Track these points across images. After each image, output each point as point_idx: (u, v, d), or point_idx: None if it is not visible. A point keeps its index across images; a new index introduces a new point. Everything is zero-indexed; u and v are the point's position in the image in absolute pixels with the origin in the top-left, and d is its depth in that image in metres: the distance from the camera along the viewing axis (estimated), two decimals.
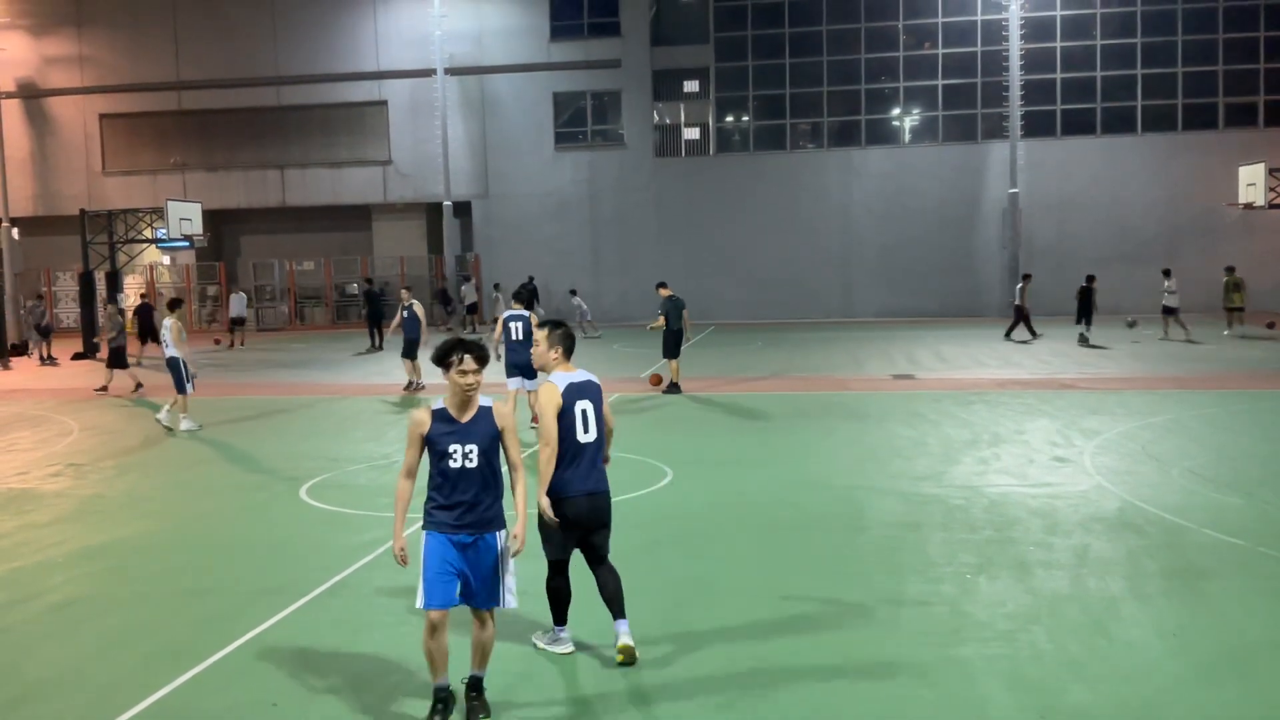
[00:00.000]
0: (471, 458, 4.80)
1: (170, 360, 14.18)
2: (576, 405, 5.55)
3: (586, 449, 5.56)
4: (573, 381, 5.59)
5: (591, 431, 5.58)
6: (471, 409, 4.86)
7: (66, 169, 37.63)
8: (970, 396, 15.31)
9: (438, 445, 4.81)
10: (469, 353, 4.75)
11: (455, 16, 35.06)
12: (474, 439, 4.81)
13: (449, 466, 4.80)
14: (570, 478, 5.52)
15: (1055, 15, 33.18)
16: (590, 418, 5.58)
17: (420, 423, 4.83)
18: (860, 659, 5.62)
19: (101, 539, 8.48)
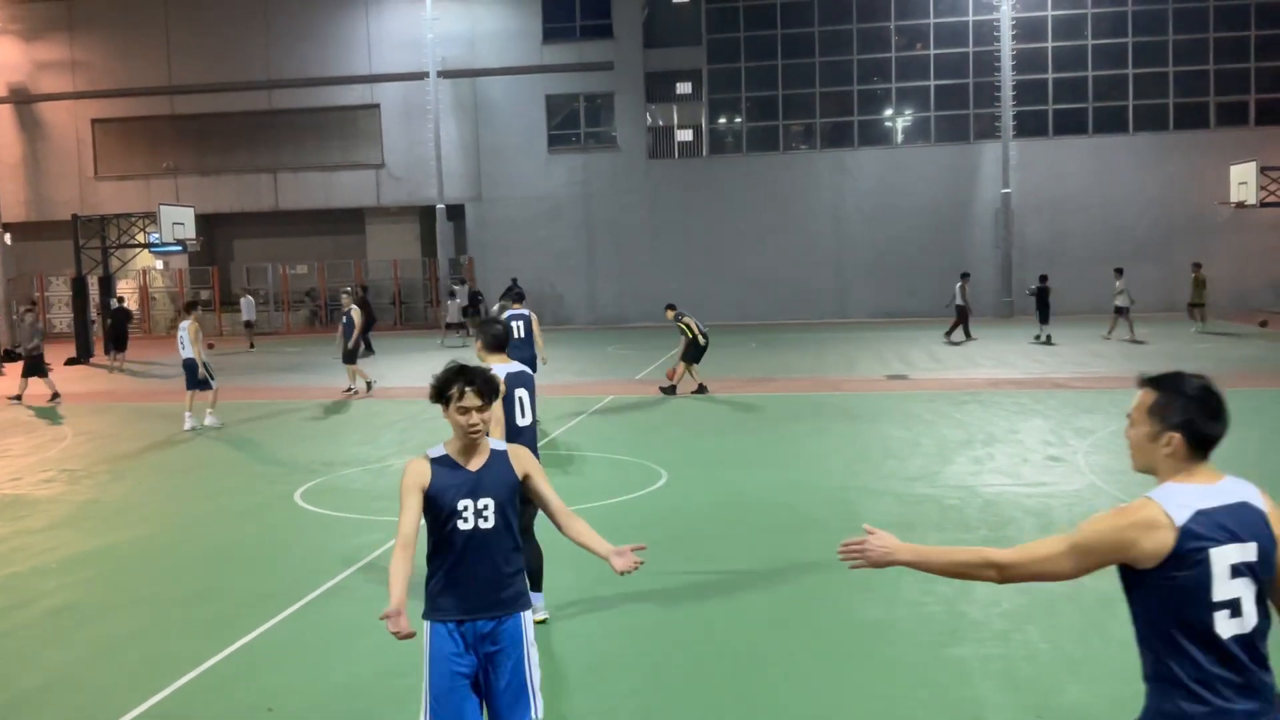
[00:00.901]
0: (487, 516, 3.73)
1: (187, 361, 14.51)
2: (515, 392, 6.18)
3: (524, 431, 6.13)
4: (510, 371, 6.17)
5: (528, 416, 6.22)
6: (481, 454, 3.78)
7: (59, 174, 37.54)
8: (964, 396, 15.34)
9: (443, 503, 3.70)
10: (470, 384, 3.70)
11: (447, 19, 35.05)
12: (489, 491, 3.74)
13: (458, 530, 3.71)
14: None
15: (1046, 15, 33.28)
16: (527, 404, 6.22)
17: (419, 473, 3.73)
18: (856, 659, 5.63)
19: (96, 544, 8.46)
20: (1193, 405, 2.71)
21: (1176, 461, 2.71)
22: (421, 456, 3.81)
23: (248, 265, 37.87)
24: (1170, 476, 2.71)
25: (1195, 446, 2.70)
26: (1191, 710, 2.60)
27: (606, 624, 6.26)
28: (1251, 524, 2.64)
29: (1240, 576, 2.60)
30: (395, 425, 14.31)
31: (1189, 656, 2.61)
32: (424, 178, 35.75)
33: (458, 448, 3.77)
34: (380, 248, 37.63)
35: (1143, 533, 2.61)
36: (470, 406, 3.70)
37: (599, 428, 13.58)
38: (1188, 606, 2.61)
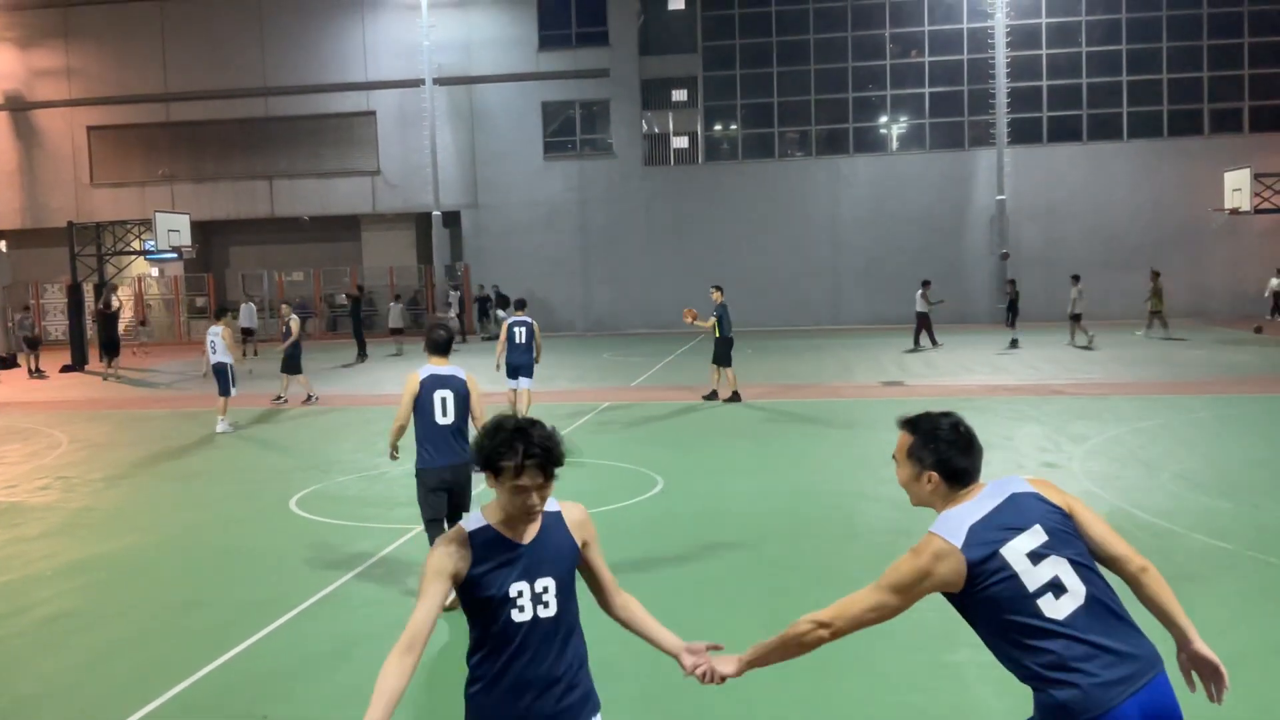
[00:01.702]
0: (548, 601, 2.94)
1: (218, 366, 14.94)
2: (435, 394, 6.66)
3: (444, 429, 6.65)
4: (435, 373, 6.72)
5: (449, 416, 6.68)
6: (534, 520, 2.99)
7: (54, 181, 37.51)
8: (959, 403, 15.35)
9: (491, 590, 2.88)
10: (530, 457, 2.82)
11: (443, 27, 35.10)
12: (548, 568, 2.96)
13: (512, 623, 2.90)
14: (432, 453, 6.65)
15: (1041, 23, 33.41)
16: (449, 405, 6.68)
17: (453, 556, 2.87)
18: (852, 665, 5.63)
19: (91, 552, 8.44)
20: (944, 445, 2.91)
21: (940, 496, 2.93)
22: (456, 531, 2.94)
23: (243, 272, 37.84)
24: (941, 508, 2.92)
25: (952, 480, 2.91)
26: (1065, 696, 2.64)
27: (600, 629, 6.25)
28: (1025, 510, 2.80)
29: (1043, 559, 2.73)
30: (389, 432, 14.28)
31: (1039, 649, 2.69)
32: (420, 185, 35.77)
33: (504, 517, 2.93)
34: (376, 255, 37.62)
35: (936, 563, 2.78)
36: (530, 486, 2.84)
37: (594, 434, 13.57)
38: (1012, 606, 2.71)
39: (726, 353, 16.26)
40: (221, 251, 39.13)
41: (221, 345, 15.00)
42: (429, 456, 6.65)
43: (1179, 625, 2.86)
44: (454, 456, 6.67)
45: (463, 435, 6.73)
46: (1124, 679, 2.63)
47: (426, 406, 6.66)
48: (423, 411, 6.67)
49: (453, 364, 6.88)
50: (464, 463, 6.68)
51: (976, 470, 2.93)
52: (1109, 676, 2.62)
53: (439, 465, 6.63)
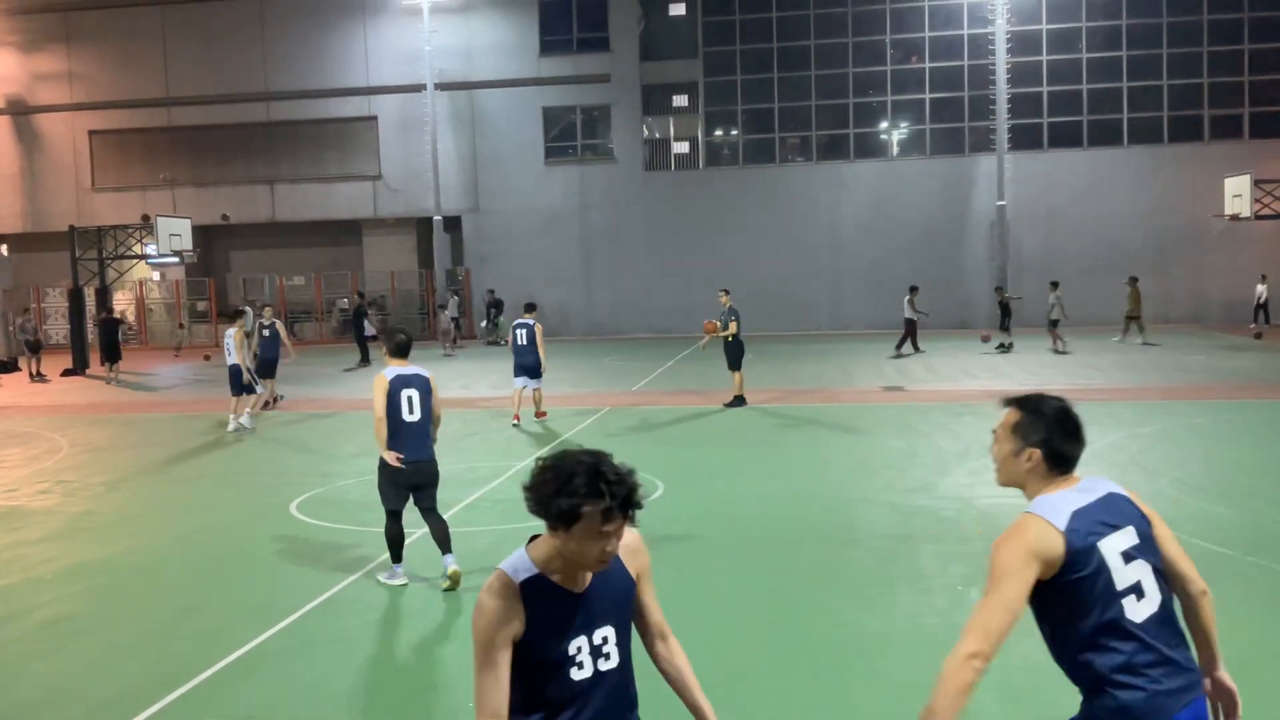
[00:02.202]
0: (608, 652, 2.64)
1: (232, 367, 15.24)
2: (402, 393, 7.04)
3: (412, 426, 7.03)
4: (400, 374, 7.09)
5: (416, 413, 7.05)
6: None
7: (56, 185, 37.55)
8: (960, 408, 15.36)
9: (546, 654, 2.53)
10: (615, 498, 2.51)
11: (445, 32, 35.17)
12: (607, 616, 2.65)
13: (569, 683, 2.56)
14: (401, 448, 6.99)
15: (1041, 29, 33.45)
16: (415, 402, 7.05)
17: (506, 616, 2.48)
18: (853, 671, 5.63)
19: (91, 556, 8.44)
20: (1052, 424, 2.89)
21: (1037, 477, 2.88)
22: (504, 584, 2.51)
23: (244, 276, 37.87)
24: (1033, 489, 2.88)
25: (1053, 463, 2.87)
26: (1129, 698, 2.67)
27: None
28: (1121, 510, 2.80)
29: (1132, 561, 2.74)
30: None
31: (1111, 649, 2.70)
32: (421, 189, 35.80)
33: (562, 564, 2.55)
34: (377, 259, 37.65)
35: (1039, 542, 2.72)
36: (613, 532, 2.52)
37: (595, 439, 13.57)
38: (1099, 602, 2.70)
39: (738, 356, 16.28)
40: (223, 256, 39.16)
41: (234, 347, 15.26)
42: (397, 451, 7.03)
43: (1213, 650, 2.95)
44: (421, 453, 7.09)
45: (427, 431, 7.16)
46: (1180, 690, 2.69)
47: (395, 405, 7.04)
48: (391, 410, 7.03)
49: (414, 364, 7.24)
50: (430, 459, 7.16)
51: (1076, 459, 2.91)
52: (1170, 685, 2.68)
53: (407, 460, 7.00)
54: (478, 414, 16.44)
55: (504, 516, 9.41)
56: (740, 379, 16.29)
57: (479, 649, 2.47)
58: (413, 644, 6.20)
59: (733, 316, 16.17)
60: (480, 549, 8.26)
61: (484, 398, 18.67)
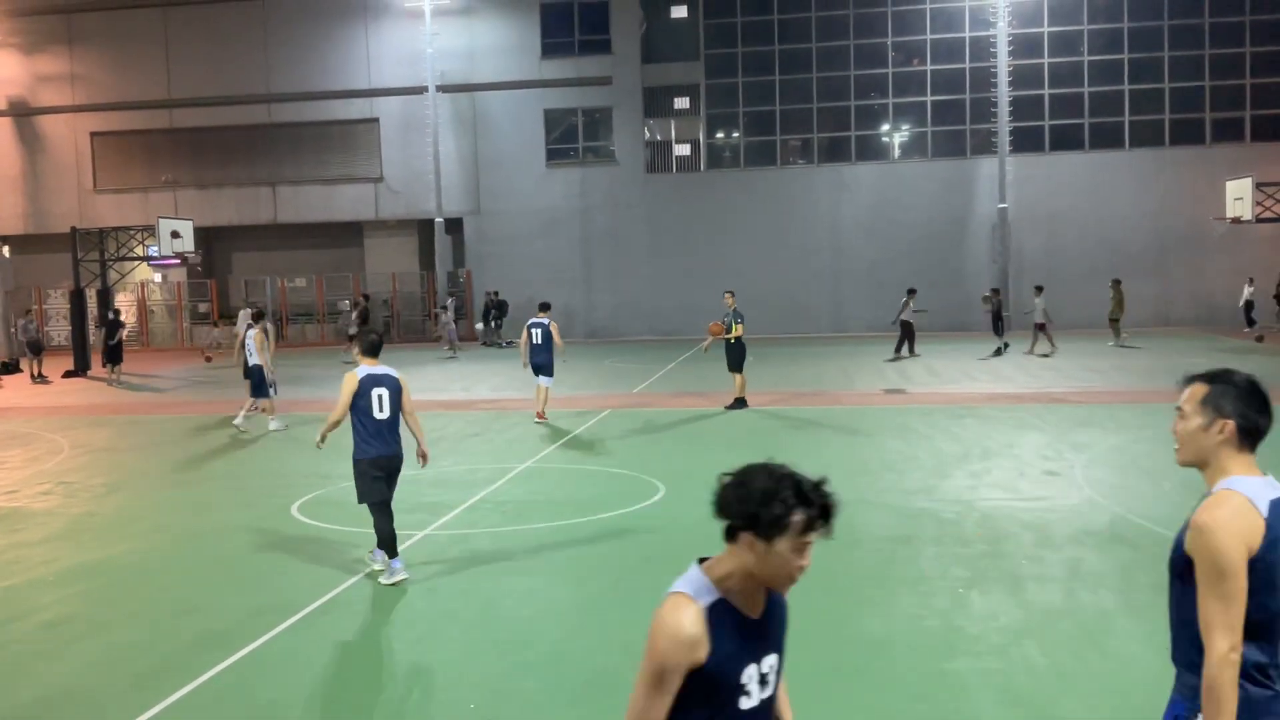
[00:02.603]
0: (770, 680, 2.56)
1: (253, 368, 15.24)
2: (372, 391, 7.40)
3: (381, 423, 7.41)
4: (371, 373, 7.45)
5: (385, 411, 7.42)
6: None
7: (57, 187, 37.59)
8: (961, 411, 15.35)
9: (721, 682, 2.42)
10: (819, 506, 2.45)
11: (447, 34, 35.20)
12: (776, 642, 2.61)
13: (736, 710, 2.47)
14: (371, 443, 7.39)
15: (1043, 32, 33.47)
16: (385, 401, 7.42)
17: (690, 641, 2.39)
18: (854, 674, 5.63)
19: (92, 557, 8.44)
20: (1245, 396, 2.85)
21: (1229, 450, 2.84)
22: (688, 609, 2.42)
23: (246, 278, 37.90)
24: (1222, 465, 2.84)
25: (1245, 435, 2.83)
26: (1256, 694, 2.67)
27: (603, 639, 6.27)
28: None
29: None
30: None
31: (1261, 644, 2.69)
32: (422, 191, 35.83)
33: (743, 586, 2.46)
34: (379, 261, 37.67)
35: (1248, 529, 2.68)
36: (811, 542, 2.43)
37: (596, 441, 13.58)
38: (1272, 597, 2.69)
39: (741, 358, 16.28)
40: (224, 257, 39.20)
41: (254, 349, 15.25)
42: (367, 447, 7.41)
43: None
44: (389, 448, 7.50)
45: (395, 429, 7.53)
46: None
47: (365, 403, 7.41)
48: (362, 408, 7.40)
49: (383, 364, 7.61)
50: (397, 454, 7.56)
51: (1266, 432, 2.87)
52: None
53: (376, 455, 7.40)
54: (479, 415, 16.45)
55: (505, 518, 9.41)
56: (742, 381, 16.30)
57: (652, 672, 2.38)
58: (414, 645, 6.21)
59: (738, 318, 16.18)
60: (481, 551, 8.26)
61: (485, 400, 18.67)
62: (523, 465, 11.95)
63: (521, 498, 10.26)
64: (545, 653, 6.00)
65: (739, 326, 16.11)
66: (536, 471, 11.60)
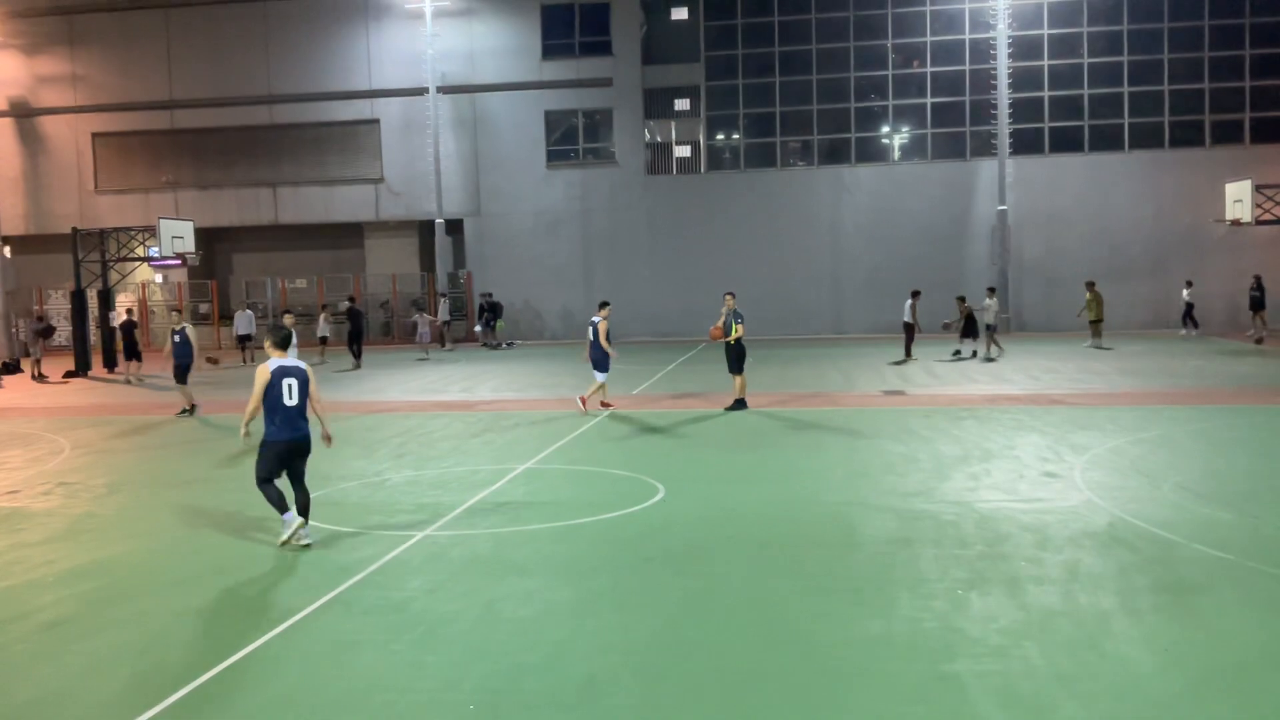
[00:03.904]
0: None
1: None
2: (283, 381, 8.30)
3: (290, 409, 8.32)
4: (282, 365, 8.34)
5: (294, 399, 8.32)
6: None
7: (59, 187, 37.63)
8: (961, 412, 15.36)
9: None
10: None
11: (447, 36, 35.24)
12: None
13: None
14: (280, 427, 8.33)
15: (1043, 34, 33.50)
16: (294, 390, 8.32)
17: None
18: (853, 676, 5.63)
19: (92, 558, 8.45)
20: None
21: None
22: None
23: (246, 279, 37.91)
24: None
25: None
26: None
27: (601, 640, 6.27)
28: None
29: None
30: (391, 440, 14.32)
31: None
32: (423, 192, 35.86)
33: None
34: (379, 262, 37.70)
35: None
36: None
37: (595, 442, 13.58)
38: None
39: (741, 360, 16.27)
40: (225, 258, 39.23)
41: None
42: (278, 431, 8.33)
43: None
44: (297, 432, 8.40)
45: (304, 414, 8.41)
46: None
47: (276, 392, 8.28)
48: (274, 396, 8.27)
49: (292, 357, 8.52)
50: (305, 436, 8.48)
51: None
52: None
53: (285, 439, 8.35)
54: (481, 416, 16.46)
55: (504, 519, 9.42)
56: (741, 383, 16.31)
57: None
58: (413, 646, 6.21)
59: (737, 319, 16.19)
60: (481, 552, 8.27)
61: (485, 401, 18.68)
62: (522, 466, 11.96)
63: (521, 499, 10.27)
64: (545, 654, 6.00)
65: (739, 327, 16.12)
66: (536, 472, 11.60)
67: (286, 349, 8.49)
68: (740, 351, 16.21)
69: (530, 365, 26.09)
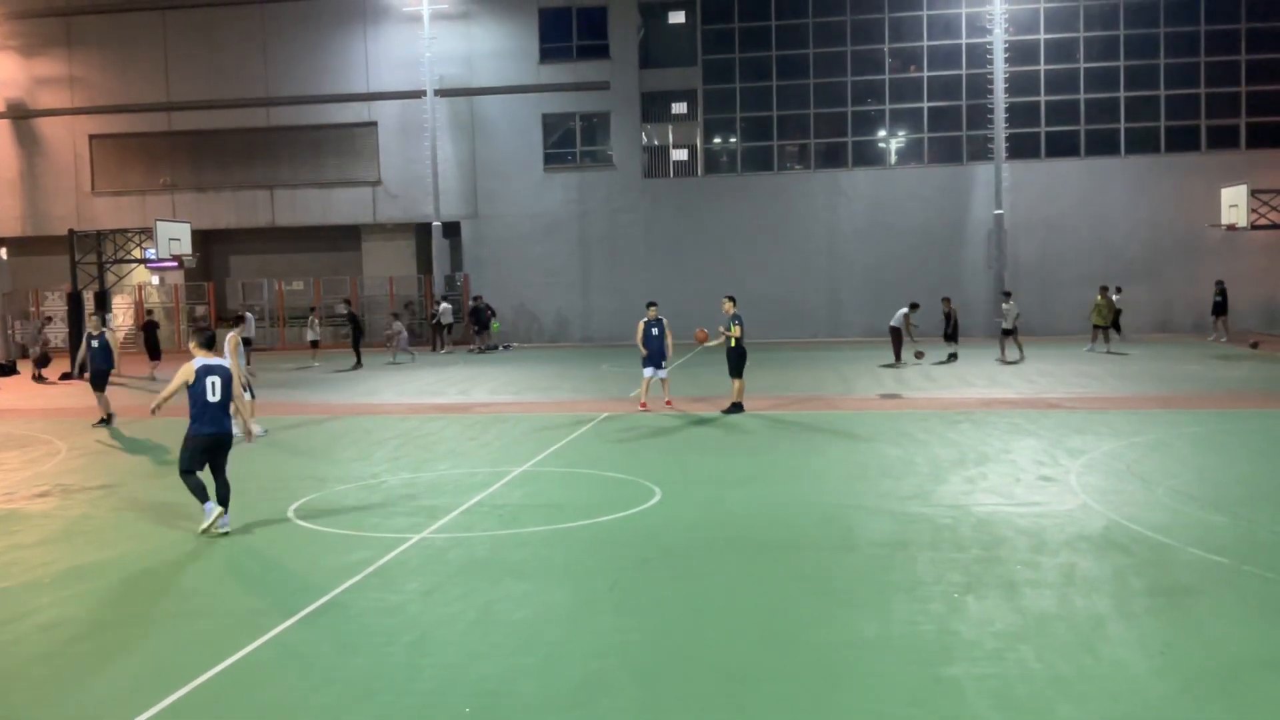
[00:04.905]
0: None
1: None
2: (206, 379, 8.85)
3: (213, 405, 8.86)
4: (206, 364, 8.91)
5: (216, 395, 8.85)
6: None
7: (56, 189, 37.59)
8: (957, 416, 15.39)
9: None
10: None
11: (445, 39, 35.25)
12: None
13: None
14: (202, 422, 8.86)
15: (1039, 39, 33.58)
16: (217, 387, 8.86)
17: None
18: (849, 678, 5.65)
19: (89, 560, 8.45)
20: None
21: None
22: None
23: (244, 281, 37.89)
24: None
25: None
26: None
27: (597, 642, 6.28)
28: None
29: None
30: (389, 442, 14.32)
31: None
32: (420, 195, 35.86)
33: None
34: (376, 264, 37.69)
35: None
36: None
37: (592, 445, 13.60)
38: None
39: (740, 363, 16.26)
40: (222, 260, 39.19)
41: (228, 350, 14.69)
42: (200, 426, 8.86)
43: None
44: (219, 426, 8.93)
45: (226, 410, 8.98)
46: None
47: (200, 388, 8.83)
48: (197, 393, 8.82)
49: (215, 356, 9.07)
50: (227, 431, 9.01)
51: None
52: None
53: (207, 433, 8.87)
54: (477, 419, 16.47)
55: (501, 522, 9.43)
56: (740, 386, 16.32)
57: None
58: (410, 648, 6.22)
59: (735, 322, 16.23)
60: (478, 554, 8.28)
61: (482, 403, 18.69)
62: (519, 469, 11.97)
63: (518, 501, 10.28)
64: (541, 656, 6.01)
65: (736, 328, 16.17)
66: (533, 475, 11.61)
67: (211, 349, 9.07)
68: (741, 354, 16.24)
69: (527, 368, 26.09)
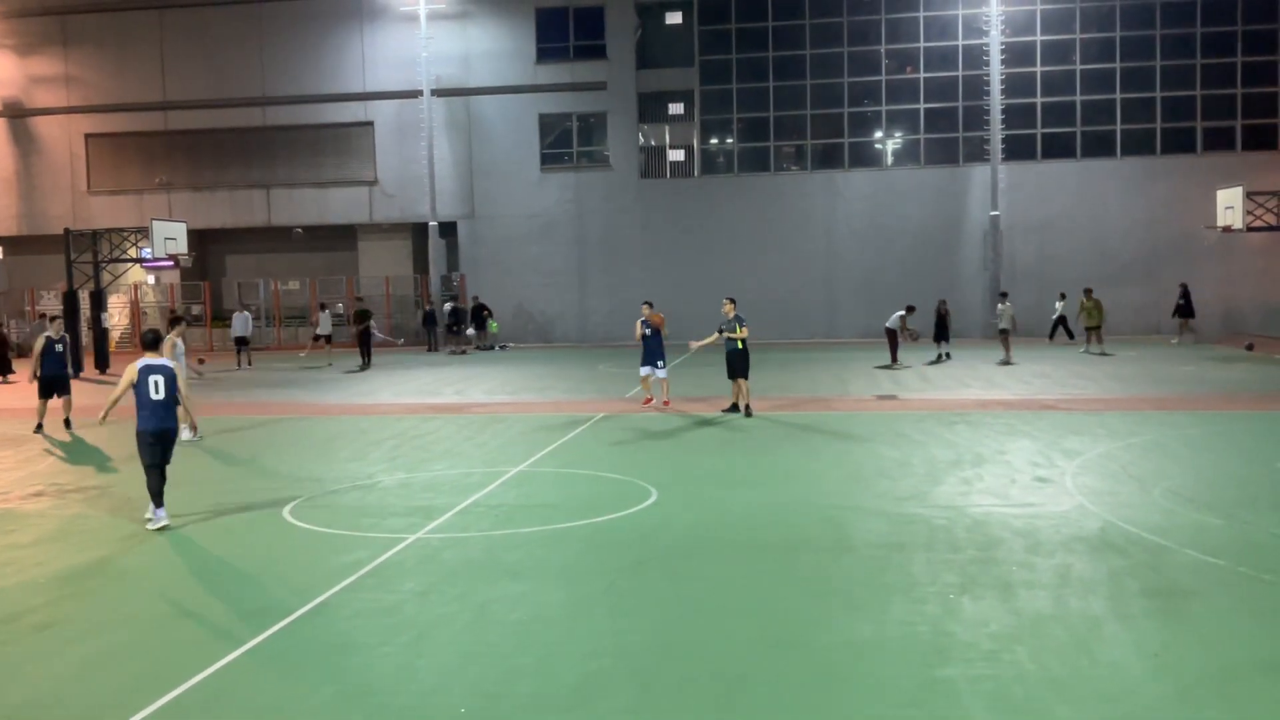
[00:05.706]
0: None
1: None
2: (149, 378, 9.29)
3: (157, 403, 9.29)
4: (149, 364, 9.35)
5: (160, 393, 9.29)
6: None
7: (52, 188, 37.53)
8: (953, 417, 15.40)
9: None
10: None
11: (442, 39, 35.24)
12: None
13: None
14: (149, 419, 9.28)
15: (1035, 41, 33.63)
16: (160, 386, 9.29)
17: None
18: (845, 680, 5.65)
19: (84, 560, 8.43)
20: None
21: None
22: None
23: (240, 280, 37.84)
24: None
25: None
26: None
27: (593, 643, 6.28)
28: None
29: None
30: (384, 442, 14.31)
31: None
32: (417, 195, 35.84)
33: None
34: (373, 264, 37.66)
35: None
36: None
37: (588, 446, 13.59)
38: None
39: (745, 365, 16.26)
40: (218, 260, 39.16)
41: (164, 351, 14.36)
42: (147, 421, 9.28)
43: None
44: (164, 422, 9.37)
45: (170, 407, 9.38)
46: None
47: (144, 387, 9.25)
48: (142, 391, 9.22)
49: (161, 356, 9.58)
50: (171, 427, 9.47)
51: None
52: None
53: (152, 428, 9.29)
54: (473, 419, 16.46)
55: (497, 522, 9.42)
56: (745, 387, 16.31)
57: None
58: (405, 649, 6.21)
59: (738, 323, 16.25)
60: (474, 555, 8.27)
61: (478, 404, 18.68)
62: (515, 469, 11.96)
63: (514, 501, 10.27)
64: (537, 657, 6.01)
65: (744, 329, 16.21)
66: (529, 476, 11.61)
67: (155, 349, 9.57)
68: (744, 356, 16.25)
69: (523, 368, 26.08)
